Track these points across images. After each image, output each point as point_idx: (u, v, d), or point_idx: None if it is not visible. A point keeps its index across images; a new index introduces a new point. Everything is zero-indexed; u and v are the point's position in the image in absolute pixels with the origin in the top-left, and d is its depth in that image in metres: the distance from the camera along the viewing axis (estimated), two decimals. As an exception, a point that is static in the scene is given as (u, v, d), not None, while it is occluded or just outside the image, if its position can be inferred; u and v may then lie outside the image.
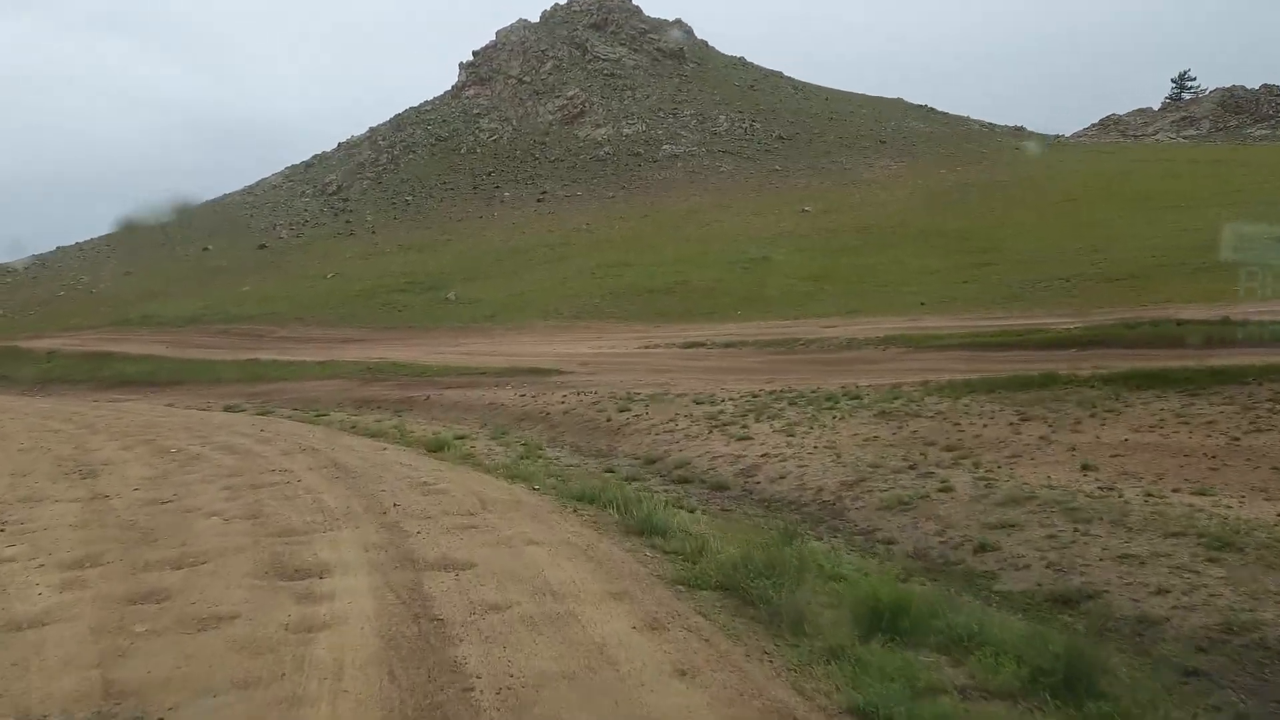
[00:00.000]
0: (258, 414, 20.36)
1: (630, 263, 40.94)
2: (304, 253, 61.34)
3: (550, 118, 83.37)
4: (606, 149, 77.74)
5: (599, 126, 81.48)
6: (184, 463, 12.12)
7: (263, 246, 64.97)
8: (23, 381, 30.36)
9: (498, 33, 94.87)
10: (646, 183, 70.31)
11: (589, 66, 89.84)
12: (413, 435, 15.74)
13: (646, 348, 25.15)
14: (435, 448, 14.01)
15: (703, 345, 24.00)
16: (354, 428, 17.25)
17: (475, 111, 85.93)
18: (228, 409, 21.48)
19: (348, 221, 69.31)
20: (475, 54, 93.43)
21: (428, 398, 20.65)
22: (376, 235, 63.97)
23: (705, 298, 32.38)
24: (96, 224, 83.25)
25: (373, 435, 16.06)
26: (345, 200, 74.42)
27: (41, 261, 68.82)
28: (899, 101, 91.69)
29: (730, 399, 15.87)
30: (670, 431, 13.89)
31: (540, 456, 13.52)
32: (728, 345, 23.46)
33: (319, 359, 28.36)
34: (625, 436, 14.37)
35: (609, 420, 15.47)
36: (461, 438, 15.45)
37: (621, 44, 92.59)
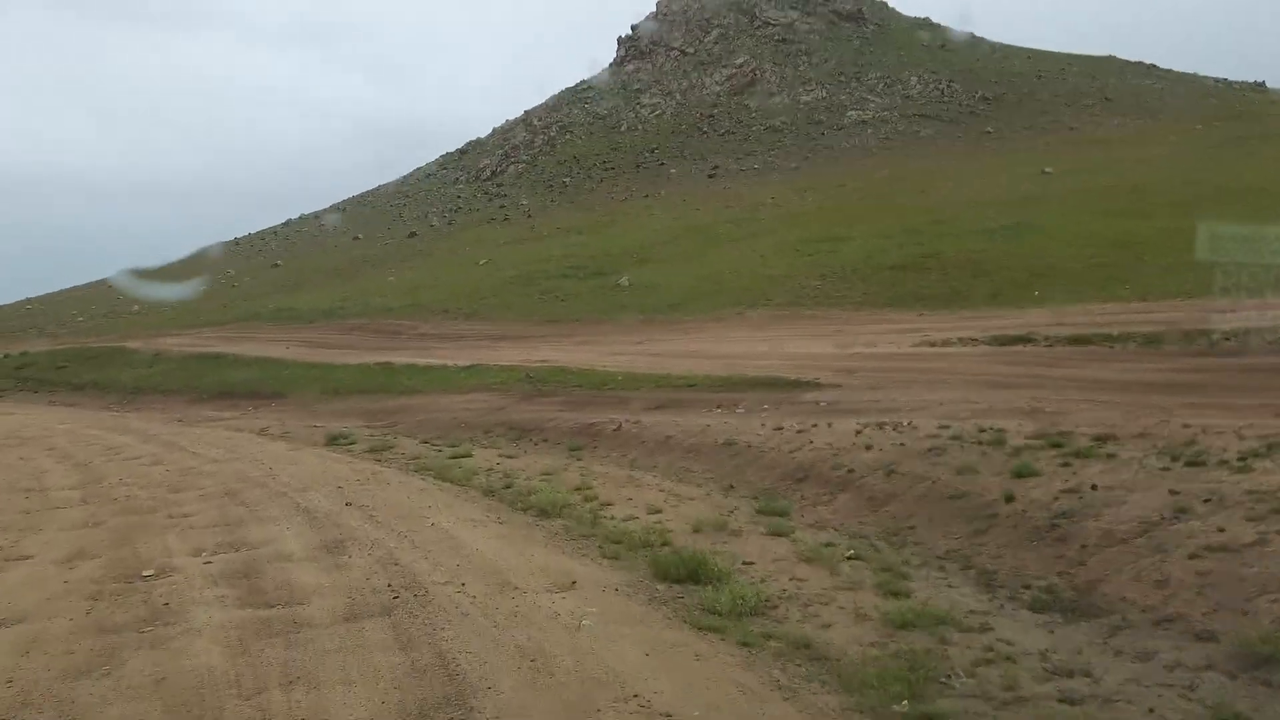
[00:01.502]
0: (369, 450, 13.53)
1: (843, 236, 32.62)
2: (455, 240, 56.01)
3: (717, 89, 76.04)
4: (782, 119, 69.66)
5: (773, 95, 73.47)
6: (112, 648, 5.07)
7: (412, 235, 60.22)
8: (116, 390, 24.99)
9: (658, 3, 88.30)
10: (833, 151, 61.76)
11: (758, 33, 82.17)
12: (612, 521, 8.38)
13: (929, 345, 16.95)
14: (674, 566, 6.65)
15: (1029, 341, 15.62)
16: (508, 487, 10.08)
17: (635, 87, 79.69)
18: (331, 440, 14.76)
19: (502, 206, 63.82)
20: (634, 27, 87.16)
21: (619, 427, 13.27)
22: (533, 219, 57.97)
23: (973, 275, 23.75)
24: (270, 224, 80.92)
25: (541, 514, 8.81)
26: (499, 185, 69.19)
27: (196, 256, 66.50)
28: (1111, 59, 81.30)
29: (1254, 454, 7.68)
30: (1231, 550, 5.85)
31: (925, 607, 5.79)
32: (1075, 341, 14.97)
33: (464, 362, 21.57)
34: (1094, 553, 6.41)
35: (1011, 500, 7.54)
36: (714, 529, 7.94)
37: (793, 7, 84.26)
